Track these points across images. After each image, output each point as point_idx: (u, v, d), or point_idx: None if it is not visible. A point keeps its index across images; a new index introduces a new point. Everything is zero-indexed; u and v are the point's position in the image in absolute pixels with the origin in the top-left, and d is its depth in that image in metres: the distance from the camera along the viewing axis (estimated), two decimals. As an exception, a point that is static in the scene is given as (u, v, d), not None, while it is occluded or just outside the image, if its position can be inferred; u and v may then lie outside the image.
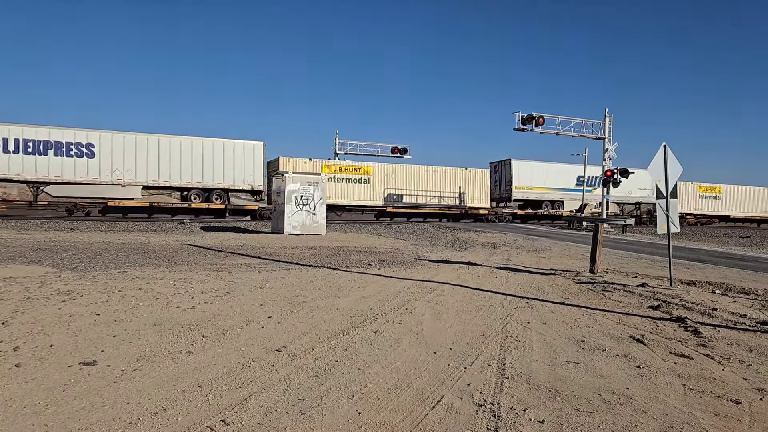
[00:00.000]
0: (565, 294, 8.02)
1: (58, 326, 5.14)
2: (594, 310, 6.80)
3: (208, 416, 3.23)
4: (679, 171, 9.10)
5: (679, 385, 4.04)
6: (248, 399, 3.52)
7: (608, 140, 30.19)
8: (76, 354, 4.33)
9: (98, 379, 3.80)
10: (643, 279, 9.70)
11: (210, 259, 11.01)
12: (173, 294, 6.95)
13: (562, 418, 3.35)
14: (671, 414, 3.48)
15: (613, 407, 3.57)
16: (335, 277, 9.08)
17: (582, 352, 4.87)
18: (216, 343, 4.81)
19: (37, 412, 3.20)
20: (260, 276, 8.85)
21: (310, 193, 19.63)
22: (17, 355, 4.26)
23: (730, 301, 7.62)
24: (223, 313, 5.99)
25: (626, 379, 4.18)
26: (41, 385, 3.63)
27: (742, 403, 3.72)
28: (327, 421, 3.23)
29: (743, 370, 4.46)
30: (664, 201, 9.02)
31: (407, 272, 9.98)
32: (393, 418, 3.31)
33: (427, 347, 4.91)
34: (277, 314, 6.02)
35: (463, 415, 3.39)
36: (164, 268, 9.35)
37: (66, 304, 6.14)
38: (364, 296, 7.33)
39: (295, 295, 7.18)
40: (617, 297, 7.81)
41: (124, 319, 5.51)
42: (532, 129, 28.83)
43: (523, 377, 4.13)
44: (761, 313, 6.74)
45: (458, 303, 7.04)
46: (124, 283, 7.68)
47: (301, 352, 4.60)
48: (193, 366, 4.15)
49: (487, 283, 8.96)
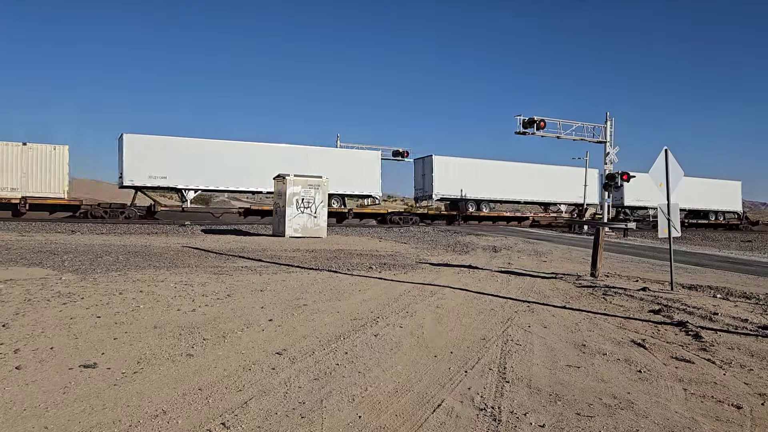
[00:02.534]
0: (566, 298, 8.01)
1: (58, 329, 5.15)
2: (595, 314, 6.79)
3: (208, 419, 3.23)
4: (681, 175, 9.10)
5: (680, 390, 4.04)
6: (248, 402, 3.51)
7: (609, 144, 30.19)
8: (76, 356, 4.33)
9: (98, 381, 3.80)
10: (644, 283, 9.68)
11: (211, 262, 11.02)
12: (174, 297, 6.95)
13: (562, 423, 3.35)
14: (672, 419, 3.47)
15: (614, 412, 3.56)
16: (336, 280, 9.08)
17: (583, 356, 4.86)
18: (216, 345, 4.80)
19: (37, 415, 3.20)
20: (261, 279, 8.85)
21: (312, 195, 19.62)
22: (18, 357, 4.26)
23: (731, 305, 7.60)
24: (223, 315, 5.99)
25: (627, 383, 4.17)
26: (42, 388, 3.63)
27: (743, 407, 3.71)
28: (327, 424, 3.22)
29: (744, 375, 4.45)
30: (665, 205, 9.01)
31: (408, 275, 9.97)
32: (393, 422, 3.31)
33: (428, 351, 4.90)
34: (278, 317, 6.01)
35: (463, 419, 3.38)
36: (165, 271, 9.36)
37: (67, 306, 6.14)
38: (365, 299, 7.33)
39: (295, 298, 7.17)
40: (618, 301, 7.80)
41: (124, 322, 5.51)
42: (533, 133, 28.85)
43: (523, 381, 4.12)
44: (762, 318, 6.72)
45: (459, 306, 7.03)
46: (125, 285, 7.68)
47: (302, 356, 4.59)
48: (193, 369, 4.14)
49: (488, 286, 8.95)
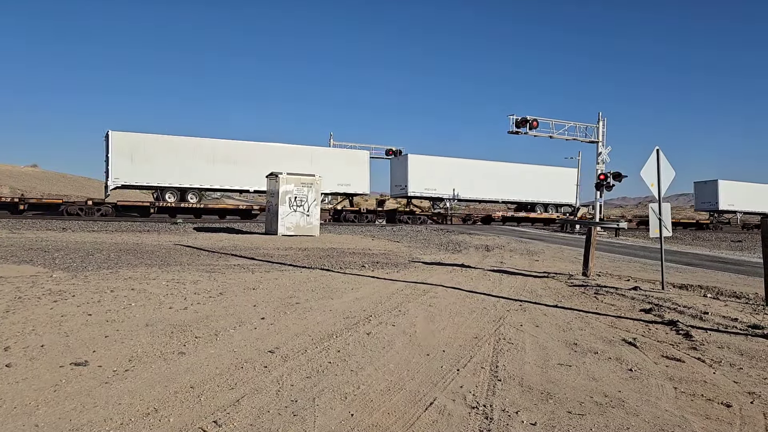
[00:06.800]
0: (558, 297, 8.05)
1: (49, 326, 5.11)
2: (586, 313, 6.83)
3: (200, 417, 3.22)
4: (672, 175, 9.16)
5: (670, 388, 4.07)
6: (240, 400, 3.51)
7: (602, 144, 30.35)
8: (67, 354, 4.30)
9: (89, 379, 3.77)
10: (635, 282, 9.75)
11: (203, 260, 10.97)
12: (166, 294, 6.92)
13: (554, 421, 3.36)
14: (662, 417, 3.50)
15: (605, 410, 3.59)
16: (328, 278, 9.07)
17: (574, 355, 4.89)
18: (208, 344, 4.79)
19: (27, 413, 3.17)
20: (253, 277, 8.83)
21: (304, 194, 19.59)
22: (8, 355, 4.22)
23: (721, 304, 7.67)
24: (215, 314, 5.97)
25: (618, 381, 4.20)
26: (32, 386, 3.61)
27: (732, 406, 3.74)
28: (320, 422, 3.22)
29: (734, 374, 4.49)
30: (657, 204, 9.08)
31: (401, 274, 9.98)
32: (386, 420, 3.31)
33: (420, 349, 4.91)
34: (270, 315, 6.00)
35: (455, 417, 3.39)
36: (157, 269, 9.31)
37: (57, 304, 6.10)
38: (358, 298, 7.33)
39: (288, 297, 7.16)
40: (610, 300, 7.84)
41: (116, 320, 5.48)
42: (526, 132, 28.98)
43: (515, 380, 4.14)
44: (752, 317, 6.78)
45: (451, 305, 7.05)
46: (117, 283, 7.64)
47: (294, 354, 4.59)
48: (185, 367, 4.13)
49: (481, 285, 8.98)
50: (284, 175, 19.60)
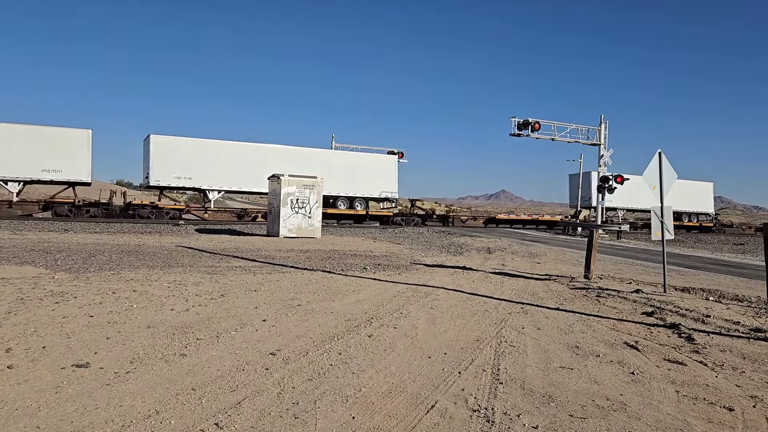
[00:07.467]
0: (560, 299, 8.03)
1: (51, 328, 5.11)
2: (588, 316, 6.82)
3: (201, 419, 3.22)
4: (674, 177, 9.15)
5: (672, 392, 4.06)
6: (242, 402, 3.50)
7: (603, 146, 30.33)
8: (69, 356, 4.30)
9: (91, 381, 3.77)
10: (637, 285, 9.73)
11: (205, 262, 10.98)
12: (167, 296, 6.92)
13: (555, 424, 3.36)
14: (665, 420, 3.49)
15: (607, 413, 3.58)
16: (330, 280, 9.07)
17: (576, 358, 4.88)
18: (210, 345, 4.79)
19: (29, 414, 3.18)
20: (255, 279, 8.83)
21: (306, 196, 19.59)
22: (10, 356, 4.23)
23: (723, 308, 7.65)
24: (217, 315, 5.97)
25: (620, 385, 4.19)
26: (33, 387, 3.61)
27: (735, 410, 3.73)
28: (321, 425, 3.22)
29: (736, 377, 4.48)
30: (659, 208, 9.06)
31: (402, 276, 9.97)
32: (387, 423, 3.31)
33: (422, 352, 4.90)
34: (272, 317, 6.00)
35: (457, 420, 3.39)
36: (159, 270, 9.32)
37: (59, 305, 6.10)
38: (359, 300, 7.32)
39: (289, 299, 7.16)
40: (612, 303, 7.83)
41: (117, 321, 5.48)
42: (527, 134, 28.94)
43: (517, 382, 4.13)
44: (754, 320, 6.77)
45: (453, 307, 7.04)
46: (118, 284, 7.65)
47: (296, 356, 4.59)
48: (186, 369, 4.13)
49: (482, 287, 8.97)
50: (286, 176, 19.60)
